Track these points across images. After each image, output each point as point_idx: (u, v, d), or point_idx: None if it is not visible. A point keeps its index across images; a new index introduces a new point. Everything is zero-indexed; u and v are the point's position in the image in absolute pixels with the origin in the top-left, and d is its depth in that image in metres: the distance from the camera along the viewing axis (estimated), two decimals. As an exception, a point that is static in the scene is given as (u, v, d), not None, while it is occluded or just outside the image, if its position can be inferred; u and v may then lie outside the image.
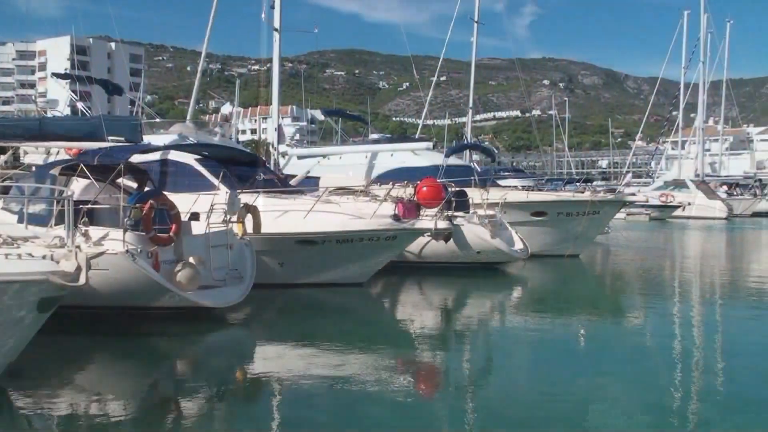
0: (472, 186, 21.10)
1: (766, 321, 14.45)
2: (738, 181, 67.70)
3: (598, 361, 10.55)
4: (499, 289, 18.27)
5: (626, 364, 10.30)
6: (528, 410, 8.05)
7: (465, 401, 8.55)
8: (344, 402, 8.28)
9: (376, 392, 8.68)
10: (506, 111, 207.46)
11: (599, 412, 8.00)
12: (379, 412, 7.96)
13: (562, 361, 10.53)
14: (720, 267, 24.76)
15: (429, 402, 8.72)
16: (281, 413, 8.14)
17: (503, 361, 10.92)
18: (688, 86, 61.46)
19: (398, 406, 8.15)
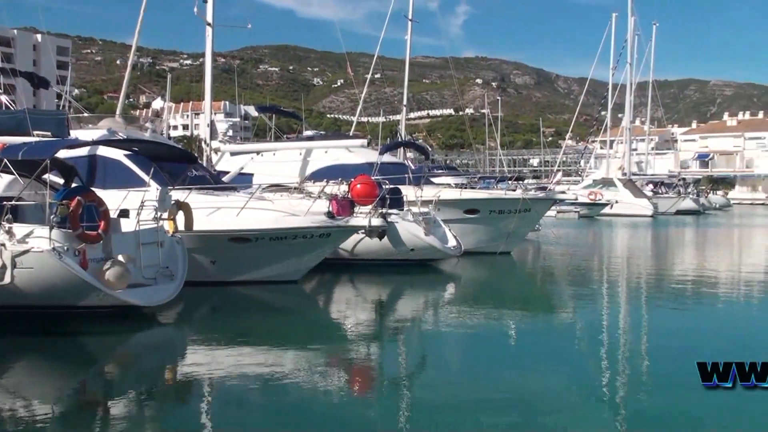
0: (406, 183, 21.19)
1: (687, 313, 14.89)
2: (663, 180, 69.67)
3: (529, 355, 10.73)
4: (433, 286, 18.42)
5: (556, 357, 10.51)
6: (461, 405, 8.13)
7: (399, 398, 8.59)
8: (278, 400, 8.24)
9: (310, 390, 8.65)
10: (440, 109, 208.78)
11: (531, 404, 8.14)
12: (313, 410, 7.94)
13: (494, 355, 10.69)
14: (645, 263, 25.47)
15: (363, 399, 8.73)
16: (213, 413, 8.04)
17: (437, 357, 11.01)
18: (616, 87, 62.92)
19: (332, 404, 8.15)
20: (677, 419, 7.65)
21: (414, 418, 7.84)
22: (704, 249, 31.47)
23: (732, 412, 7.72)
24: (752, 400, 7.85)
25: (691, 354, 10.05)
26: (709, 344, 11.30)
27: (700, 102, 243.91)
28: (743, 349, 10.59)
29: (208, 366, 9.93)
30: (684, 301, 16.55)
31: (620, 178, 58.18)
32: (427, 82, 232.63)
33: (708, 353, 9.60)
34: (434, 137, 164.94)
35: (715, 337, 12.14)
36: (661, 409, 7.90)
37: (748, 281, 20.11)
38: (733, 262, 25.85)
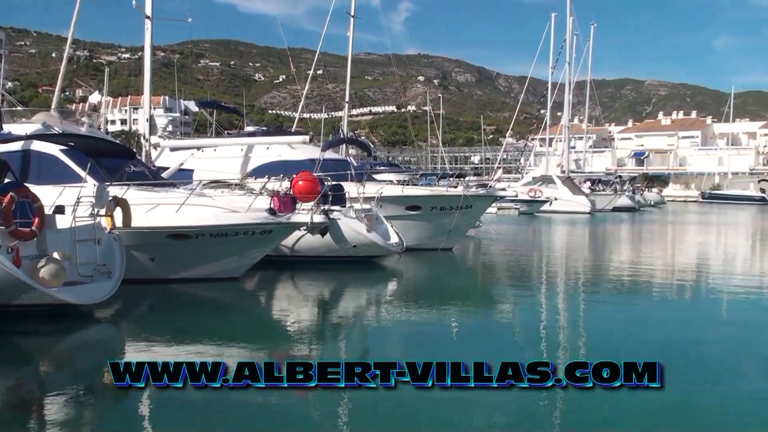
0: (348, 180, 21.20)
1: (622, 306, 15.25)
2: (600, 177, 71.13)
3: (469, 350, 10.82)
4: (375, 282, 18.47)
5: (497, 352, 10.64)
6: (402, 401, 8.17)
7: (340, 396, 8.58)
8: (218, 399, 8.15)
9: (251, 388, 8.58)
10: (382, 106, 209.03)
11: (470, 400, 8.22)
12: (254, 408, 7.88)
13: (436, 351, 10.76)
14: (582, 258, 25.97)
15: (304, 397, 8.70)
16: (152, 412, 7.92)
17: (379, 353, 11.04)
18: (556, 86, 63.91)
19: (274, 402, 8.10)
20: (611, 415, 7.81)
21: (355, 417, 7.83)
22: (639, 245, 32.24)
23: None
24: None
25: (620, 350, 10.34)
26: (633, 341, 11.60)
27: (636, 101, 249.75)
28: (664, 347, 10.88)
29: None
30: (620, 295, 16.95)
31: (559, 175, 59.14)
32: (369, 79, 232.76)
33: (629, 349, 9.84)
34: (376, 134, 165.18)
35: (643, 334, 12.44)
36: (599, 404, 8.06)
37: (680, 277, 20.71)
38: (666, 258, 26.55)
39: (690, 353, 10.65)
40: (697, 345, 11.34)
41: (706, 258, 26.63)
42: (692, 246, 31.97)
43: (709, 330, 12.75)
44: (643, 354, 10.11)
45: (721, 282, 19.13)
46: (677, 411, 7.86)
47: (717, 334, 12.38)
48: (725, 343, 11.57)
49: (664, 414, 7.72)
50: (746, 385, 9.15)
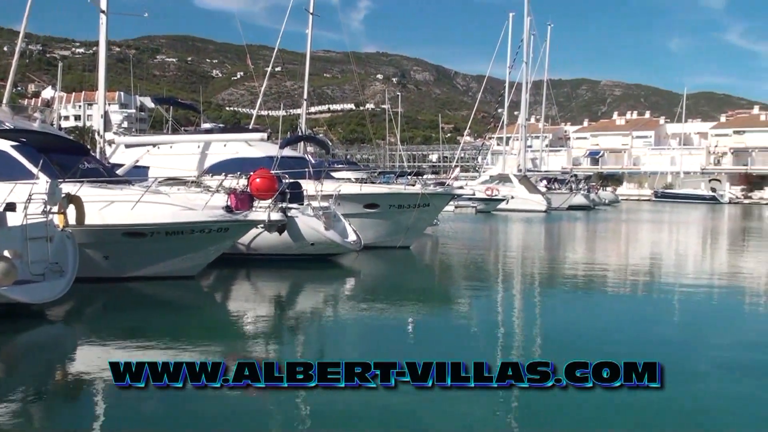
0: (306, 178, 21.14)
1: (576, 303, 15.47)
2: (556, 176, 71.93)
3: (426, 348, 10.88)
4: (333, 280, 18.45)
5: (454, 349, 10.71)
6: (360, 400, 8.18)
7: (297, 395, 8.56)
8: (174, 398, 8.07)
9: (207, 387, 8.51)
10: (341, 104, 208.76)
11: (428, 397, 8.26)
12: (210, 407, 7.83)
13: (393, 349, 10.79)
14: (538, 256, 26.28)
15: (261, 397, 8.65)
16: (106, 412, 7.82)
17: (336, 351, 11.03)
18: (513, 85, 64.50)
19: (230, 402, 8.05)
20: (571, 413, 7.91)
21: (312, 416, 7.82)
22: (594, 243, 32.69)
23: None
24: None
25: (569, 347, 10.49)
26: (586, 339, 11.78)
27: (592, 101, 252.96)
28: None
29: (100, 364, 9.62)
30: (576, 292, 17.18)
31: (516, 174, 59.69)
32: (328, 77, 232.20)
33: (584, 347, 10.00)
34: (335, 132, 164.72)
35: (594, 332, 12.62)
36: (552, 402, 8.15)
37: (634, 275, 21.04)
38: (620, 256, 26.96)
39: (642, 348, 10.84)
40: (652, 338, 11.55)
41: (659, 256, 27.14)
42: (645, 244, 32.53)
43: (662, 324, 12.98)
44: (599, 349, 10.30)
45: (672, 279, 19.51)
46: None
47: (668, 329, 12.63)
48: (678, 339, 11.81)
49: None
50: (704, 382, 9.34)
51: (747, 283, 19.20)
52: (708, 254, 29.10)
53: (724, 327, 13.12)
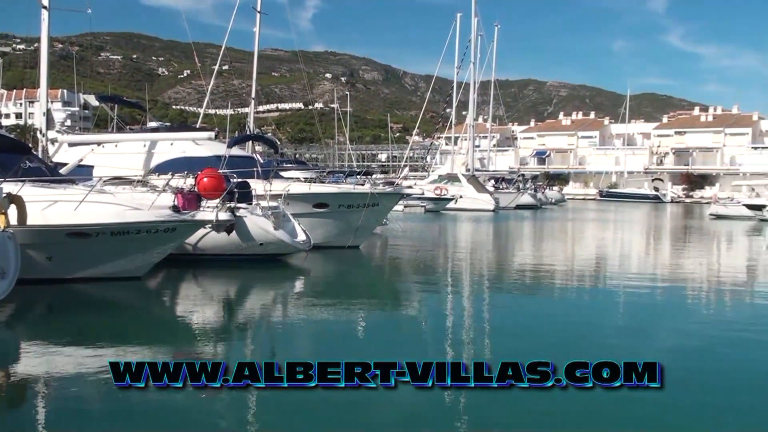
0: (254, 177, 20.98)
1: (524, 302, 15.65)
2: (504, 176, 72.71)
3: (375, 347, 10.90)
4: (282, 280, 18.37)
5: (404, 349, 10.76)
6: (309, 402, 8.16)
7: (246, 396, 8.50)
8: (121, 401, 7.95)
9: (154, 390, 8.40)
10: (289, 103, 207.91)
11: (378, 396, 8.28)
12: (157, 410, 7.72)
13: (342, 348, 10.79)
14: (487, 255, 26.54)
15: (209, 398, 8.57)
16: (50, 416, 7.66)
17: (285, 352, 10.98)
18: (461, 85, 64.96)
19: (178, 404, 7.96)
20: (512, 414, 8.00)
21: (261, 417, 7.77)
22: (541, 242, 33.13)
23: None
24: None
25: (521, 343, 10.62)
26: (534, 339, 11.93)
27: (538, 102, 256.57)
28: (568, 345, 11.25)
29: (44, 367, 9.44)
30: (520, 291, 17.41)
31: (464, 174, 60.16)
32: (276, 76, 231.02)
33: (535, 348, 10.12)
34: (283, 131, 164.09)
35: (541, 332, 12.79)
36: (502, 404, 8.24)
37: (580, 273, 21.41)
38: (566, 255, 27.38)
39: (581, 345, 11.04)
40: (594, 334, 11.76)
41: (605, 254, 27.65)
42: (592, 242, 33.11)
43: (605, 319, 13.23)
44: (544, 348, 10.46)
45: (617, 276, 19.90)
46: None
47: (612, 324, 12.88)
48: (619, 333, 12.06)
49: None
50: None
51: (689, 279, 19.66)
52: (652, 252, 29.74)
53: (668, 322, 13.44)
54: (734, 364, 10.16)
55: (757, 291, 18.29)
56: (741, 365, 10.09)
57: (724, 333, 12.34)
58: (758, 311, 15.08)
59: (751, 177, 78.01)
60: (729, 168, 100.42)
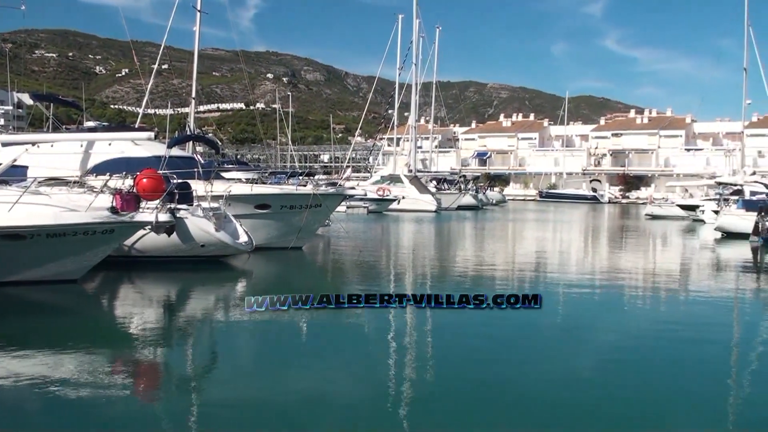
0: (195, 178, 20.74)
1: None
2: (446, 176, 73.28)
3: (320, 351, 10.89)
4: (224, 282, 18.18)
5: (348, 351, 10.78)
6: (252, 404, 8.12)
7: (188, 399, 8.42)
8: (58, 407, 7.79)
9: (93, 395, 8.25)
10: (230, 103, 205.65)
11: (323, 399, 8.28)
12: (97, 414, 7.59)
13: (284, 352, 10.76)
14: (429, 255, 26.70)
15: (150, 402, 8.47)
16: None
17: (227, 355, 10.89)
18: (403, 86, 65.27)
19: (117, 408, 7.83)
20: (456, 413, 8.09)
21: (201, 420, 7.69)
22: (482, 242, 33.49)
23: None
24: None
25: (452, 346, 10.76)
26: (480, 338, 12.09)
27: (479, 103, 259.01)
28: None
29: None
30: (461, 290, 17.53)
31: (406, 174, 60.43)
32: (217, 75, 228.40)
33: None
34: (224, 131, 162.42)
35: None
36: (443, 403, 8.34)
37: (521, 271, 21.71)
38: (507, 255, 27.75)
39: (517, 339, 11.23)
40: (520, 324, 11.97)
41: (544, 253, 28.07)
42: (531, 242, 33.60)
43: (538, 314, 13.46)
44: (486, 348, 10.60)
45: (556, 274, 20.25)
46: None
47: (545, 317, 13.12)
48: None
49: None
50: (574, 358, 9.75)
51: (625, 275, 20.12)
52: (590, 251, 30.32)
53: (603, 319, 13.76)
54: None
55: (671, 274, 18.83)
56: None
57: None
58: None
59: (685, 178, 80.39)
60: (664, 169, 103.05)
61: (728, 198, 42.41)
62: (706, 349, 11.27)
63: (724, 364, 10.54)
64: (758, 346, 12.08)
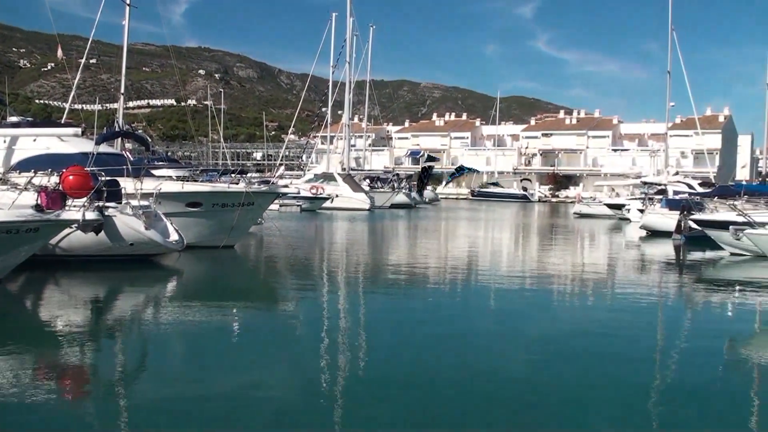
0: (124, 175, 20.34)
1: (401, 300, 15.90)
2: (379, 175, 73.57)
3: (253, 350, 10.82)
4: (154, 281, 17.88)
5: (281, 350, 10.73)
6: (183, 403, 8.02)
7: (116, 401, 8.26)
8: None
9: (18, 399, 8.02)
10: (161, 99, 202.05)
11: (255, 399, 8.23)
12: (21, 418, 7.38)
13: (216, 350, 10.65)
14: (362, 253, 26.77)
15: (76, 405, 8.27)
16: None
17: (157, 355, 10.72)
18: (336, 84, 65.27)
19: (42, 411, 7.63)
20: (394, 413, 8.15)
21: (131, 422, 7.56)
22: (415, 240, 33.73)
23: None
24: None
25: (401, 343, 10.83)
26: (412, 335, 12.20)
27: (413, 102, 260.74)
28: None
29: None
30: (394, 288, 17.67)
31: (340, 173, 60.44)
32: (147, 71, 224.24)
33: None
34: (155, 128, 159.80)
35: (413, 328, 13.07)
36: (376, 402, 8.37)
37: (453, 269, 21.96)
38: (440, 253, 28.00)
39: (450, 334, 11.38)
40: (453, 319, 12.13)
41: (476, 251, 28.46)
42: (464, 240, 34.00)
43: (464, 311, 13.67)
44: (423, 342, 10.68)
45: (487, 270, 20.55)
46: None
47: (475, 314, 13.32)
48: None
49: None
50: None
51: (552, 272, 20.56)
52: (520, 248, 30.84)
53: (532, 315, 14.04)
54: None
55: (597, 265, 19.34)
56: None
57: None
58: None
59: (612, 178, 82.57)
60: (592, 169, 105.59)
61: (653, 197, 43.71)
62: (627, 342, 11.61)
63: (645, 355, 10.86)
64: (678, 338, 12.50)
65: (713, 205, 28.81)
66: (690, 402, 8.53)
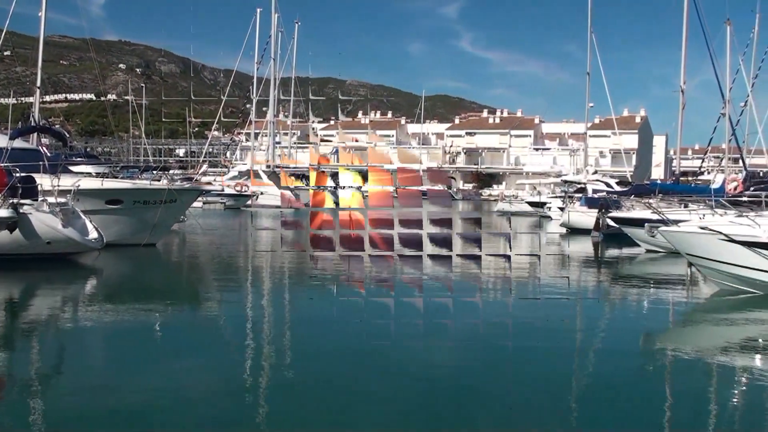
0: (40, 172, 19.79)
1: (326, 298, 15.92)
2: (305, 172, 73.26)
3: (174, 350, 10.69)
4: (72, 280, 17.45)
5: (203, 350, 10.63)
6: (100, 405, 7.87)
7: (31, 403, 8.05)
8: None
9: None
10: (79, 93, 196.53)
11: (175, 400, 8.15)
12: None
13: (137, 352, 10.48)
14: (287, 251, 26.59)
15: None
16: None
17: (74, 358, 10.46)
18: (261, 81, 64.78)
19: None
20: (320, 413, 8.18)
21: (46, 424, 7.38)
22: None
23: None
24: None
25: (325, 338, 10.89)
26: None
27: (339, 100, 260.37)
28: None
29: None
30: (320, 286, 17.70)
31: (265, 170, 59.99)
32: (65, 64, 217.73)
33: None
34: (73, 123, 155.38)
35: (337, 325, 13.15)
36: (301, 401, 8.38)
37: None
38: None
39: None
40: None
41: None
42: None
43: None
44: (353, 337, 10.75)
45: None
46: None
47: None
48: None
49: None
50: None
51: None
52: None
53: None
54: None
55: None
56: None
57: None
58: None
59: (533, 176, 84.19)
60: (514, 167, 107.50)
61: (573, 195, 44.76)
62: (544, 338, 11.89)
63: (562, 351, 11.16)
64: (594, 334, 12.89)
65: (630, 204, 29.68)
66: (603, 397, 8.82)
